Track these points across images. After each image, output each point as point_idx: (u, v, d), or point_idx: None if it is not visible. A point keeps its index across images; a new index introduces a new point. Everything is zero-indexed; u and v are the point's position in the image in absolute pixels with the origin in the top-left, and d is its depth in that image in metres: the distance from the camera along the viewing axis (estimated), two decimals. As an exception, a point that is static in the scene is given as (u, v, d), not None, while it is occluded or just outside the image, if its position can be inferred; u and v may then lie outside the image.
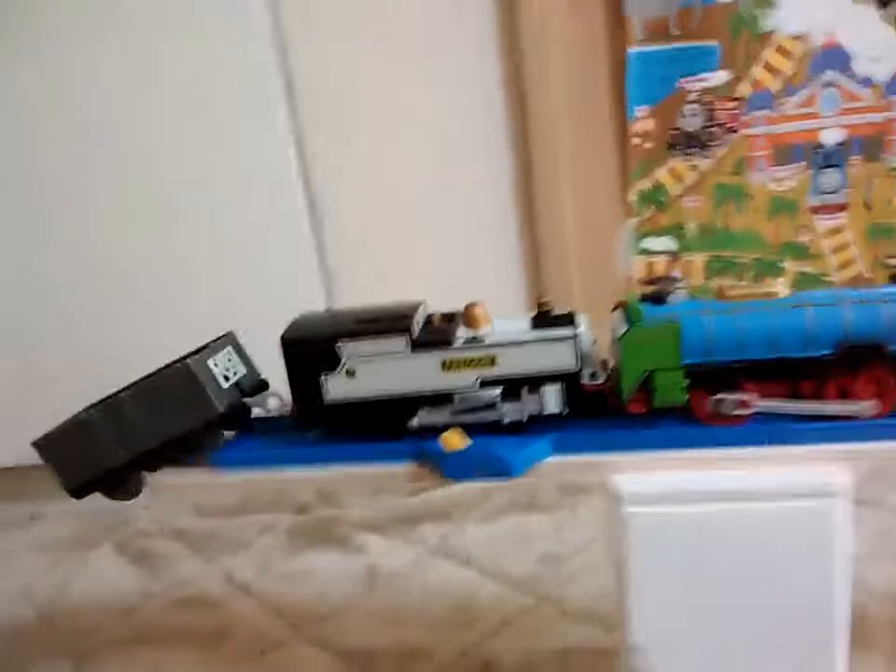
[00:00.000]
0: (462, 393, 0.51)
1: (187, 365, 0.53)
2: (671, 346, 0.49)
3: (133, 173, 1.07)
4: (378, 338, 0.51)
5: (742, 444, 0.48)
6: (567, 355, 0.51)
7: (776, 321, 0.49)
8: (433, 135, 1.07)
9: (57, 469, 0.59)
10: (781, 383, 0.50)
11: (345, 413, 0.53)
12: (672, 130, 1.04)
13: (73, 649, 0.84)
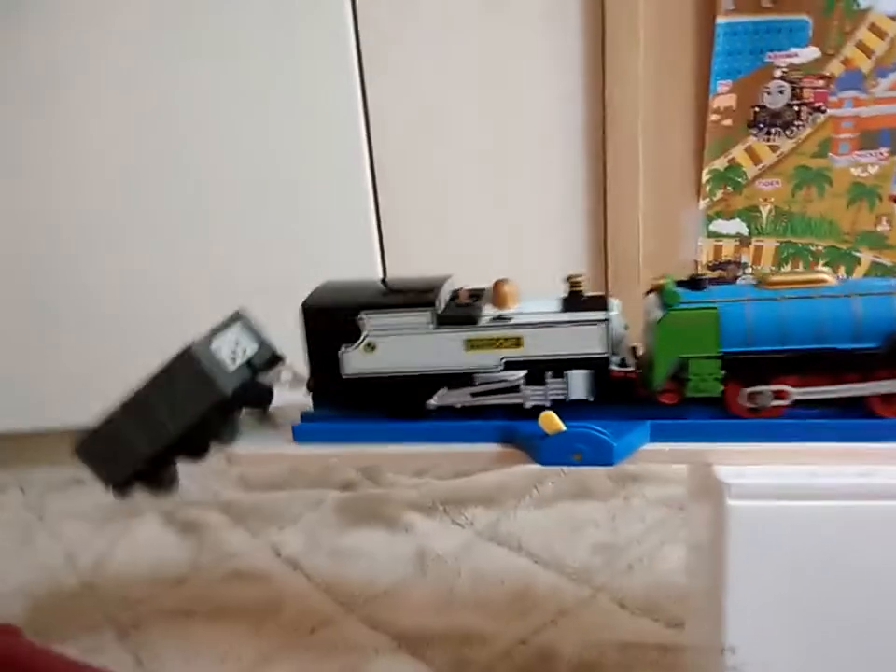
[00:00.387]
0: (485, 373, 0.49)
1: (188, 349, 0.52)
2: (710, 333, 0.46)
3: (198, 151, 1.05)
4: (401, 312, 0.49)
5: (864, 440, 0.45)
6: (596, 340, 0.48)
7: (821, 310, 0.46)
8: (504, 105, 1.04)
9: (95, 470, 0.59)
10: (824, 376, 0.46)
11: (362, 389, 0.51)
12: (754, 107, 0.99)
13: (117, 619, 0.83)
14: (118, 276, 1.09)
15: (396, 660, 0.72)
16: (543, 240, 1.07)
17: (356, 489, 1.06)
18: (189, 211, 1.06)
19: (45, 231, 1.08)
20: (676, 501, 0.94)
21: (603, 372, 0.48)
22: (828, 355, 0.45)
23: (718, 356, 0.46)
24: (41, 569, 0.94)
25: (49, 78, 1.02)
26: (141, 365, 1.14)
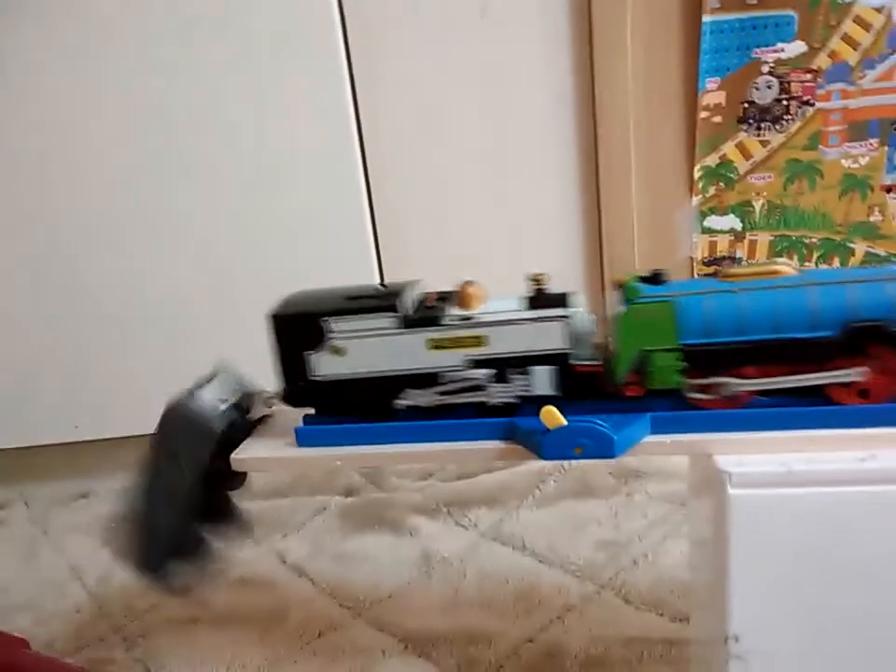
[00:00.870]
0: (450, 373, 0.50)
1: (171, 402, 0.53)
2: (668, 326, 0.47)
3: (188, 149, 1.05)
4: (365, 316, 0.50)
5: (863, 425, 0.45)
6: (557, 336, 0.49)
7: (778, 301, 0.46)
8: (497, 107, 1.04)
9: (136, 565, 0.58)
10: (783, 366, 0.47)
11: (330, 392, 0.52)
12: (743, 103, 1.00)
13: (124, 629, 0.83)
14: (117, 279, 1.09)
15: (403, 662, 0.72)
16: (538, 240, 1.08)
17: (359, 494, 1.06)
18: (186, 211, 1.07)
19: (44, 232, 1.08)
20: (677, 497, 0.94)
21: (565, 367, 0.49)
22: (786, 344, 0.46)
23: (677, 348, 0.47)
24: (47, 583, 0.95)
25: (49, 78, 1.02)
26: (140, 376, 1.14)
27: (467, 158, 1.06)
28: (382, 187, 1.06)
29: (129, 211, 1.06)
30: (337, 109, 1.02)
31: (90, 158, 1.04)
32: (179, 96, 1.02)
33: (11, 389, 1.13)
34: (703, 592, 0.56)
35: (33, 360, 1.12)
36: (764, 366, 0.47)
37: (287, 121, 1.02)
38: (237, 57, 1.00)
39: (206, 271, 1.08)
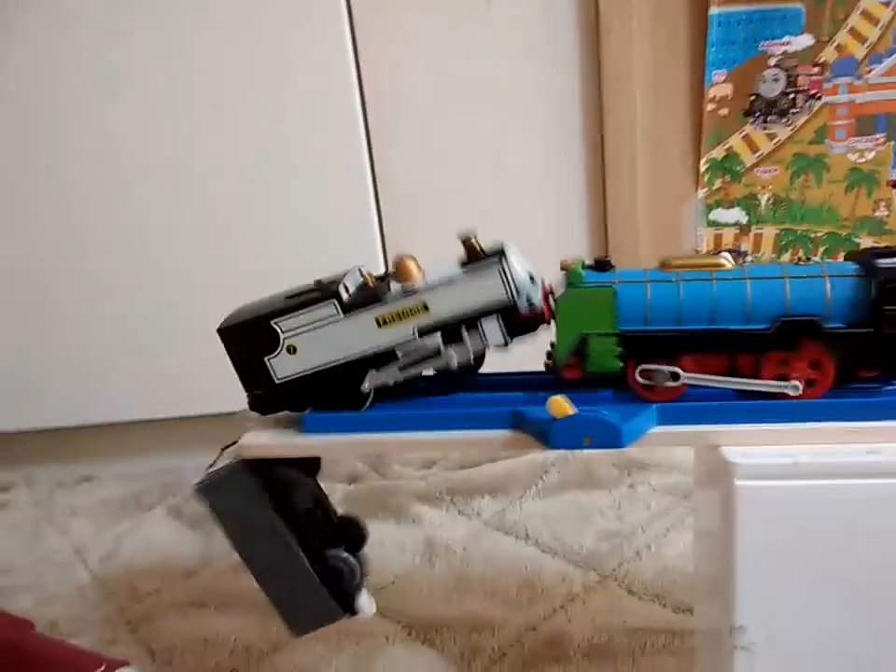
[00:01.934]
0: (404, 346, 0.50)
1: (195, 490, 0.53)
2: (606, 311, 0.48)
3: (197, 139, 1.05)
4: (309, 309, 0.51)
5: (870, 418, 0.45)
6: (496, 285, 0.49)
7: (715, 293, 0.47)
8: (503, 96, 1.04)
9: (319, 624, 0.57)
10: (720, 356, 0.48)
11: (296, 390, 0.52)
12: (750, 95, 1.00)
13: (128, 611, 0.84)
14: (125, 267, 1.09)
15: (407, 648, 0.73)
16: (543, 233, 1.08)
17: (362, 481, 1.07)
18: (194, 204, 1.07)
19: (54, 224, 1.08)
20: (680, 489, 0.95)
21: (512, 315, 0.49)
22: (721, 335, 0.47)
23: (615, 333, 0.48)
24: (50, 565, 0.95)
25: (58, 69, 1.02)
26: (144, 361, 1.14)
27: (471, 148, 1.06)
28: (387, 179, 1.07)
29: (136, 206, 1.07)
30: (343, 101, 1.01)
31: (102, 147, 1.05)
32: (186, 90, 1.02)
33: (15, 373, 1.13)
34: (707, 582, 0.56)
35: (37, 345, 1.12)
36: (700, 355, 0.48)
37: (290, 116, 1.02)
38: (242, 51, 1.00)
39: (212, 264, 1.08)
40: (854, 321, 0.46)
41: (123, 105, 1.03)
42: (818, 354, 0.47)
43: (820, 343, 0.46)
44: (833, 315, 0.46)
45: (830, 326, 0.46)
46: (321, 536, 0.57)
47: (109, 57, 1.01)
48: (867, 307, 0.45)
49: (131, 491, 1.11)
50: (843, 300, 0.46)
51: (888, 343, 0.46)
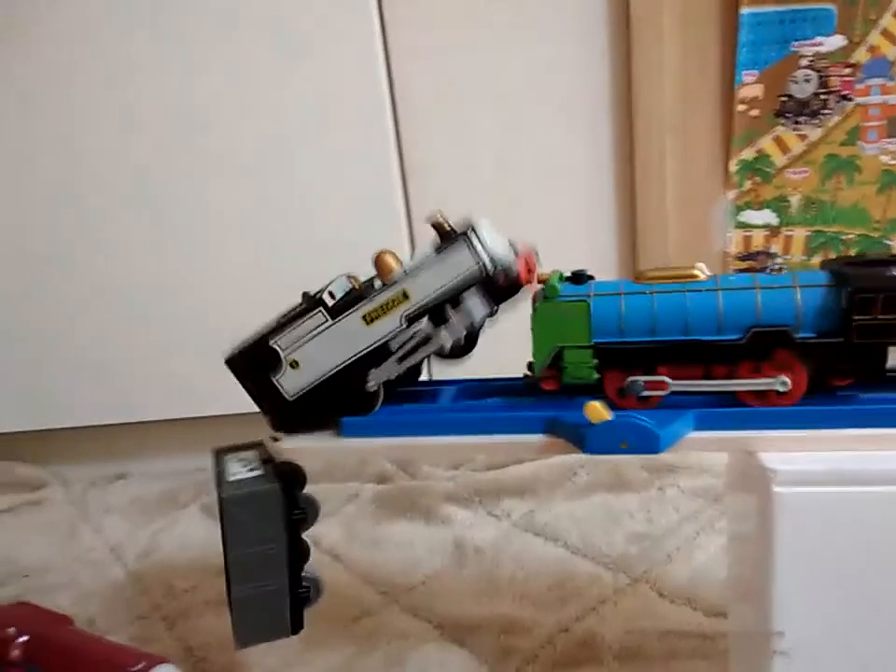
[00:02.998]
0: (395, 337, 0.52)
1: (221, 497, 0.55)
2: (581, 324, 0.49)
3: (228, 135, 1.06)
4: (300, 321, 0.52)
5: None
6: (467, 260, 0.50)
7: (688, 304, 0.48)
8: (532, 94, 1.04)
9: (267, 638, 0.61)
10: (695, 366, 0.49)
11: (311, 402, 0.54)
12: (781, 96, 0.99)
13: (164, 608, 0.85)
14: (156, 270, 1.11)
15: (439, 647, 0.73)
16: (571, 234, 1.08)
17: (391, 482, 1.08)
18: (218, 201, 1.08)
19: (78, 220, 1.10)
20: (710, 492, 0.95)
21: (489, 284, 0.50)
22: (695, 346, 0.48)
23: (590, 345, 0.49)
24: (87, 562, 0.97)
25: (77, 61, 1.04)
26: (176, 360, 1.16)
27: (498, 151, 1.06)
28: (415, 177, 1.07)
29: (160, 204, 1.08)
30: (373, 101, 1.02)
31: (132, 143, 1.06)
32: (208, 85, 1.04)
33: (48, 373, 1.15)
34: (742, 587, 0.56)
35: (71, 346, 1.14)
36: (675, 366, 0.49)
37: (317, 98, 1.03)
38: (270, 44, 1.01)
39: (240, 257, 1.09)
40: (825, 331, 0.47)
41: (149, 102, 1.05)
42: (790, 363, 0.47)
43: (792, 352, 0.47)
44: (805, 325, 0.47)
45: (801, 336, 0.47)
46: (301, 555, 0.59)
47: (141, 60, 1.03)
48: (837, 317, 0.46)
49: (164, 489, 1.13)
50: (813, 309, 0.47)
51: (858, 352, 0.46)
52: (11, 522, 1.10)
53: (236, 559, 0.57)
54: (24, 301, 1.12)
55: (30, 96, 1.05)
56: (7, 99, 1.05)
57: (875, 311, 0.45)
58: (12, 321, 1.13)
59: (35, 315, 1.13)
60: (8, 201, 1.09)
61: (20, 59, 1.03)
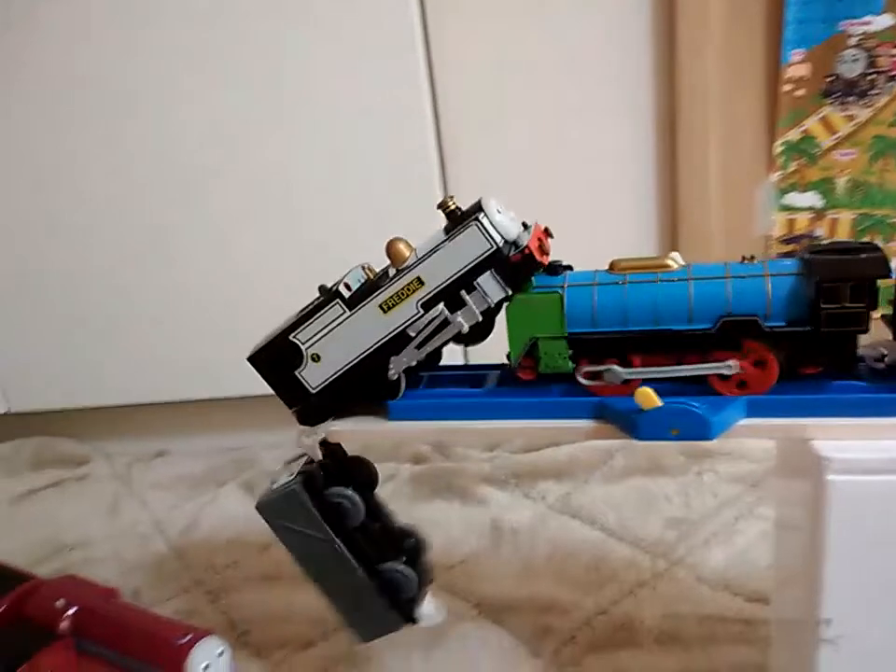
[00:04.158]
0: (412, 323, 0.51)
1: (258, 505, 0.57)
2: (555, 315, 0.50)
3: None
4: (318, 315, 0.53)
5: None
6: (477, 240, 0.49)
7: (659, 294, 0.48)
8: (572, 74, 1.03)
9: (379, 634, 0.61)
10: (667, 356, 0.49)
11: (335, 394, 0.54)
12: (828, 76, 0.97)
13: (207, 583, 0.87)
14: (199, 247, 1.12)
15: (478, 626, 0.74)
16: (612, 216, 1.07)
17: (427, 463, 1.08)
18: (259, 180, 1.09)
19: (121, 207, 1.11)
20: (748, 478, 0.94)
21: (501, 263, 0.50)
22: (666, 336, 0.48)
23: (564, 336, 0.50)
24: (131, 536, 0.99)
25: (113, 57, 1.04)
26: (215, 340, 1.17)
27: (540, 132, 1.06)
28: (453, 161, 1.07)
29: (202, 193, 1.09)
30: (408, 65, 1.01)
31: (172, 134, 1.07)
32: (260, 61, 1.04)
33: (92, 352, 1.17)
34: (790, 574, 0.56)
35: (113, 325, 1.16)
36: (648, 355, 0.49)
37: (359, 103, 1.03)
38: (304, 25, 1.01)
39: (278, 236, 1.10)
40: (795, 319, 0.46)
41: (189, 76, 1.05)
42: (760, 352, 0.47)
43: (762, 341, 0.47)
44: (775, 314, 0.47)
45: (770, 325, 0.47)
46: (377, 549, 0.59)
47: (172, 61, 1.03)
48: (806, 306, 0.46)
49: (204, 467, 1.15)
50: (783, 299, 0.47)
51: (827, 340, 0.46)
52: (56, 496, 1.13)
53: (301, 560, 0.58)
54: (70, 282, 1.14)
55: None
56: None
57: (843, 300, 0.45)
58: (58, 301, 1.16)
59: (80, 295, 1.15)
60: (52, 180, 1.10)
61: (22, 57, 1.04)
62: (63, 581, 0.78)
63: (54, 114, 1.07)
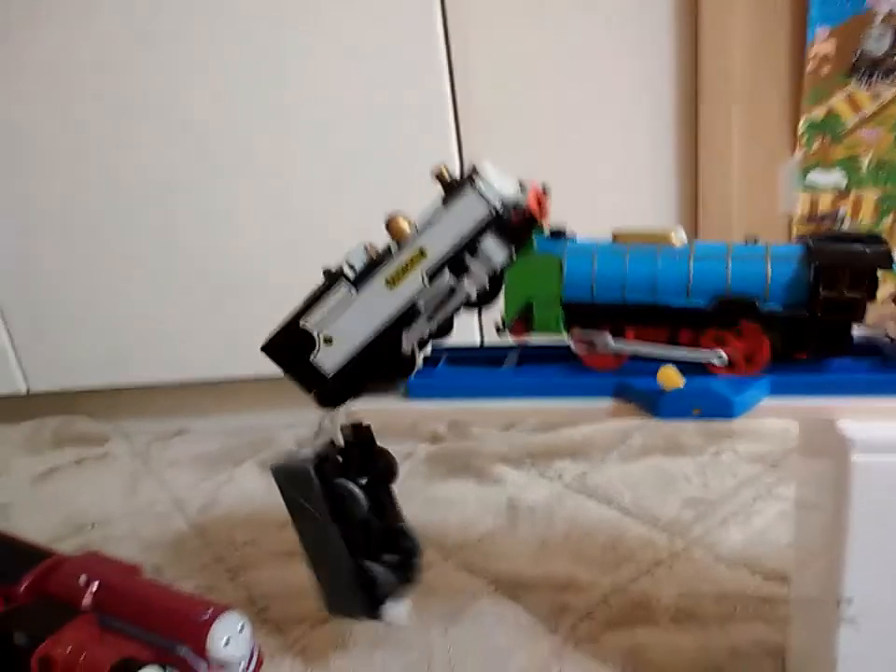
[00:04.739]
0: (420, 296, 0.52)
1: (272, 467, 0.58)
2: (552, 279, 0.50)
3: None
4: (325, 297, 0.53)
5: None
6: (475, 205, 0.49)
7: (659, 267, 0.49)
8: (593, 51, 1.02)
9: (350, 615, 0.63)
10: (661, 329, 0.50)
11: (351, 375, 0.54)
12: (854, 54, 0.95)
13: (227, 559, 0.88)
14: (215, 228, 1.12)
15: (495, 603, 0.74)
16: (632, 192, 1.06)
17: (443, 442, 1.09)
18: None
19: (141, 189, 1.11)
20: (768, 458, 0.94)
21: (502, 225, 0.49)
22: (662, 310, 0.49)
23: (560, 301, 0.50)
24: (151, 514, 1.00)
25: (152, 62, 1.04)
26: (233, 320, 1.17)
27: (559, 106, 1.04)
28: (471, 136, 1.06)
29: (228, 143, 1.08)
30: (425, 38, 1.00)
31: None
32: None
33: (111, 332, 1.18)
34: (810, 554, 0.56)
35: (131, 305, 1.17)
36: (642, 328, 0.50)
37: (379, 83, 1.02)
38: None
39: (300, 213, 1.09)
40: (792, 304, 0.47)
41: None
42: (754, 333, 0.48)
43: (757, 323, 0.47)
44: (772, 297, 0.47)
45: (767, 307, 0.47)
46: (369, 545, 0.61)
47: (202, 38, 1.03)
48: (805, 291, 0.46)
49: (222, 446, 1.15)
50: (782, 282, 0.47)
51: (823, 327, 0.46)
52: (77, 475, 1.15)
53: (297, 525, 0.60)
54: (88, 263, 1.15)
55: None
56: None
57: (842, 287, 0.45)
58: (77, 282, 1.16)
59: (98, 276, 1.16)
60: (66, 164, 1.11)
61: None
62: (86, 557, 0.79)
63: (60, 99, 1.07)
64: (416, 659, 0.68)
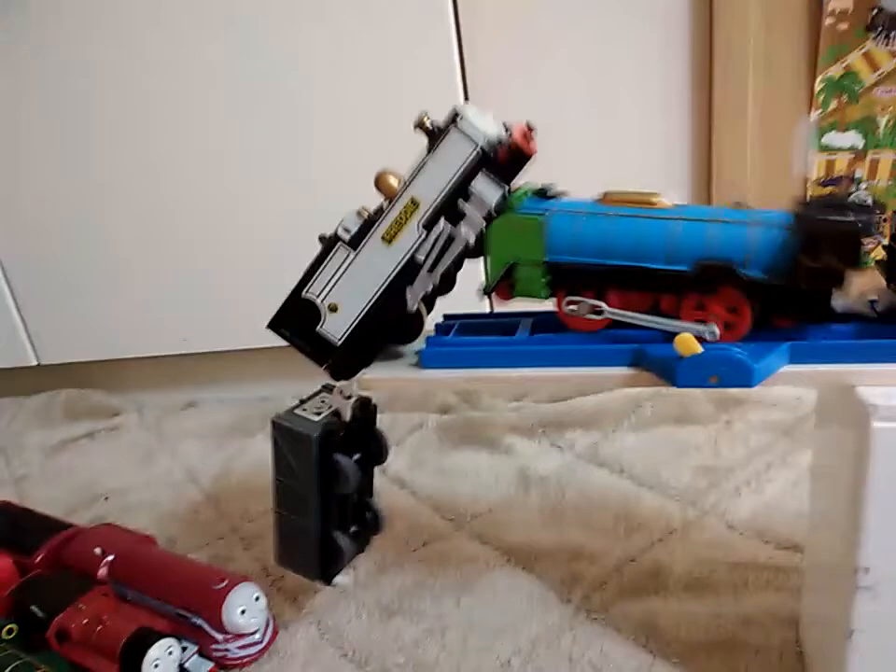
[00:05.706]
0: (418, 248, 0.51)
1: (274, 420, 0.59)
2: (535, 240, 0.49)
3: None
4: (324, 263, 0.53)
5: None
6: (461, 143, 0.49)
7: (642, 230, 0.48)
8: (607, 11, 0.99)
9: (303, 573, 0.65)
10: (644, 293, 0.49)
11: (357, 343, 0.54)
12: (872, 9, 0.92)
13: (241, 529, 0.88)
14: (230, 200, 1.11)
15: (507, 573, 0.75)
16: (645, 155, 1.03)
17: (455, 412, 1.08)
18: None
19: (161, 158, 1.10)
20: (779, 426, 0.93)
21: (491, 163, 0.49)
22: (644, 273, 0.48)
23: (543, 262, 0.49)
24: (165, 485, 1.01)
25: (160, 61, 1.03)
26: (246, 291, 1.16)
27: (573, 72, 1.02)
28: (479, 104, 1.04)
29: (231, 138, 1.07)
30: (439, 34, 0.98)
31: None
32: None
33: (121, 305, 1.18)
34: (827, 522, 0.55)
35: (143, 277, 1.16)
36: (625, 290, 0.49)
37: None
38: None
39: (311, 186, 1.08)
40: (774, 271, 0.46)
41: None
42: (735, 299, 0.47)
43: (738, 289, 0.47)
44: (754, 263, 0.46)
45: (748, 273, 0.46)
46: (342, 517, 0.62)
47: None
48: (786, 259, 0.45)
49: (234, 417, 1.16)
50: (765, 249, 0.46)
51: (804, 294, 0.46)
52: (90, 447, 1.15)
53: (276, 481, 0.61)
54: (98, 234, 1.14)
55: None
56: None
57: (824, 255, 0.44)
58: (87, 254, 1.16)
59: (110, 248, 1.15)
60: (83, 137, 1.10)
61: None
62: (101, 529, 0.80)
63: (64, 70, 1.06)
64: (429, 628, 0.69)
